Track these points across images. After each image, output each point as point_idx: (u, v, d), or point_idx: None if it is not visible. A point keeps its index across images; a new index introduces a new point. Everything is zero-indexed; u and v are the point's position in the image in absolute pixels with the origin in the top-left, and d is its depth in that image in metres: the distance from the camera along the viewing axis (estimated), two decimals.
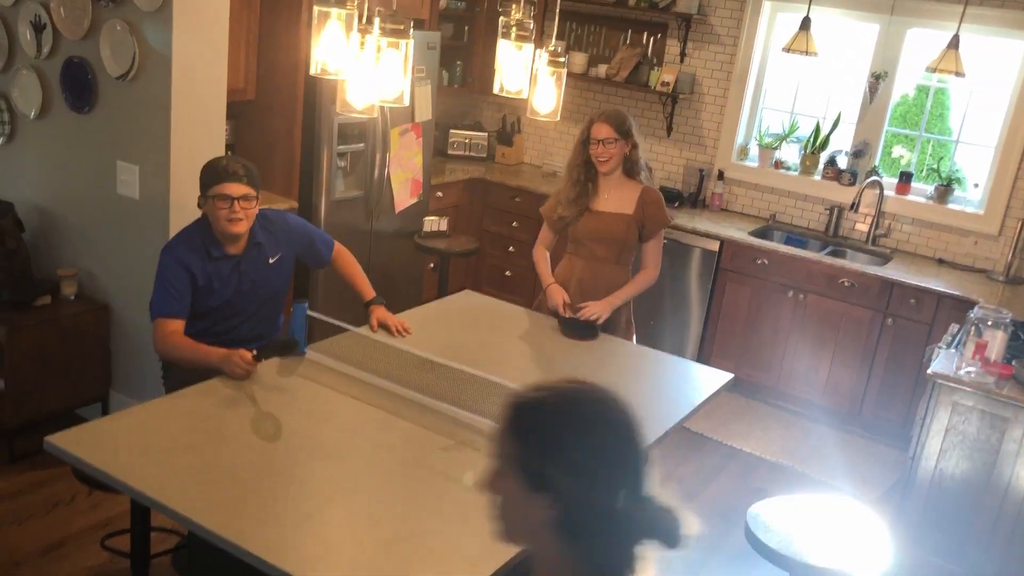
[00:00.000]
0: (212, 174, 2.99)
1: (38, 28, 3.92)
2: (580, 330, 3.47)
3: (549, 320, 3.61)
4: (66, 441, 2.34)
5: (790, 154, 5.71)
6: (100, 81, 3.80)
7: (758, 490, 4.27)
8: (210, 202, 2.99)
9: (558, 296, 3.56)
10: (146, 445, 2.36)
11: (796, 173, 5.60)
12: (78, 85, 3.87)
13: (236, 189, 2.96)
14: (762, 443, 4.83)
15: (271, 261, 3.17)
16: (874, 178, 5.22)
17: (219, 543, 2.02)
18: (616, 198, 3.64)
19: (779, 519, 2.83)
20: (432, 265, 5.62)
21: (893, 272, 4.85)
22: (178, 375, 3.01)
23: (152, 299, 3.01)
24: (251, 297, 3.15)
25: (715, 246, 5.24)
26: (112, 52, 3.71)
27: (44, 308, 3.93)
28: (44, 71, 3.99)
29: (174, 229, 3.74)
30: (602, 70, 5.93)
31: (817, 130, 5.52)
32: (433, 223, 5.11)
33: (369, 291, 3.38)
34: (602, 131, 3.53)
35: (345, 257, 3.46)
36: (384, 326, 3.27)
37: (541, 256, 3.78)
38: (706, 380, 3.26)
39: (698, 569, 3.71)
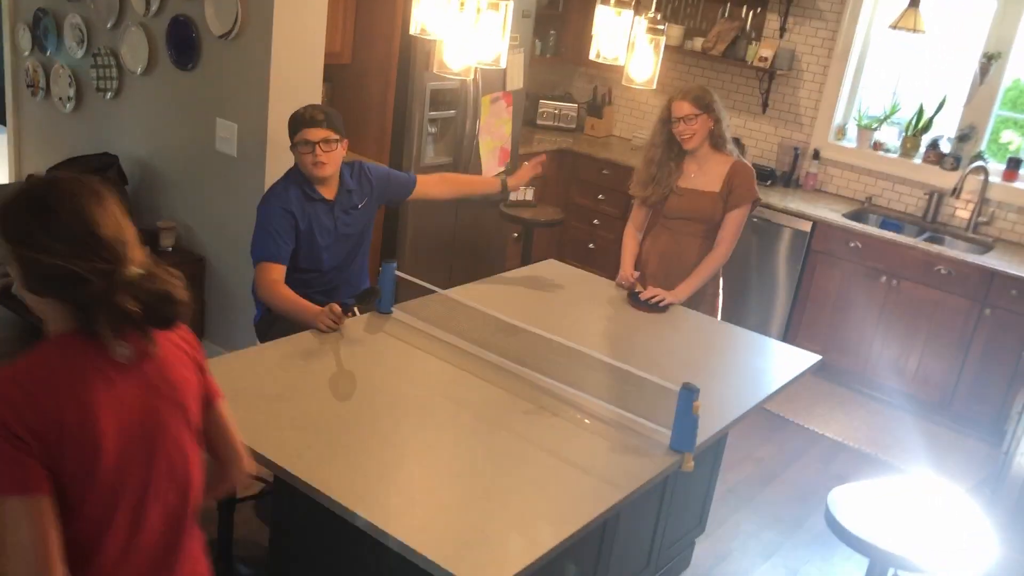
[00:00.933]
0: (295, 123, 3.14)
1: None
2: (647, 305, 3.44)
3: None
4: None
5: (890, 136, 5.52)
6: (203, 39, 3.90)
7: (839, 476, 4.18)
8: (296, 149, 3.14)
9: (627, 274, 3.61)
10: (236, 392, 2.42)
11: (895, 155, 5.42)
12: (183, 43, 3.97)
13: (316, 134, 3.09)
14: (845, 429, 4.72)
15: (360, 206, 3.31)
16: (979, 163, 5.02)
17: (305, 489, 2.07)
18: (703, 175, 3.58)
19: (862, 503, 2.77)
20: (516, 235, 5.63)
21: (994, 261, 4.66)
22: (273, 330, 3.10)
23: (253, 244, 3.14)
24: (345, 243, 3.27)
25: (807, 227, 5.11)
26: (216, 11, 3.80)
27: None
28: (151, 28, 4.11)
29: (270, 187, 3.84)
30: (698, 43, 5.82)
31: (920, 112, 5.31)
32: (519, 192, 5.11)
33: (494, 180, 3.54)
34: (683, 108, 3.48)
35: (445, 176, 3.62)
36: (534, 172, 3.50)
37: (629, 239, 3.77)
38: (792, 361, 3.20)
39: (774, 551, 3.66)
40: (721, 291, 3.78)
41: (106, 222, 1.51)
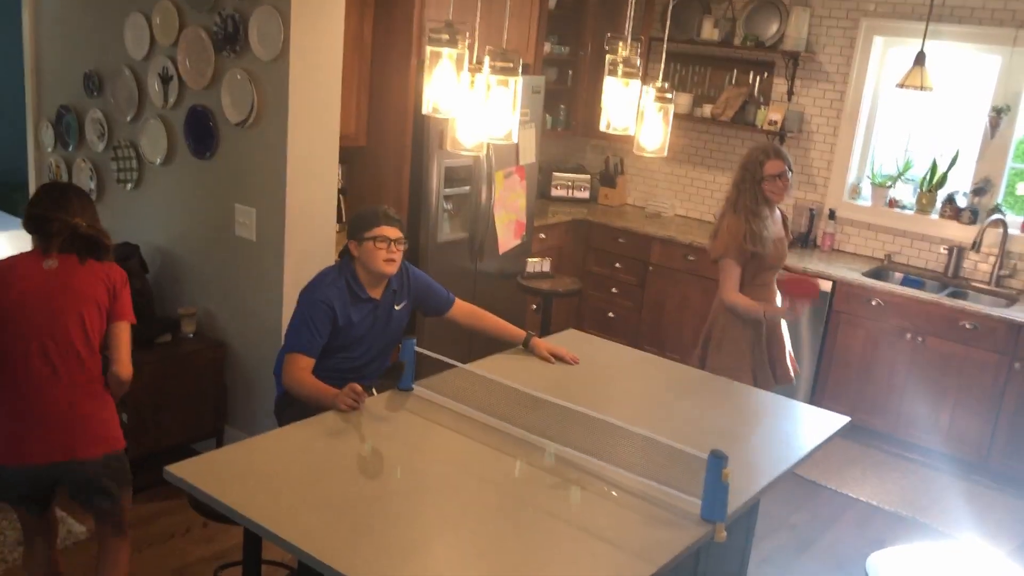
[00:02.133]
0: (371, 218, 3.15)
1: (165, 80, 4.14)
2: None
3: (653, 359, 3.58)
4: (183, 471, 2.41)
5: (905, 193, 5.52)
6: (221, 128, 3.98)
7: (876, 540, 4.07)
8: (367, 244, 3.12)
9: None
10: (259, 476, 2.41)
11: (912, 212, 5.41)
12: (200, 132, 4.06)
13: (394, 232, 3.13)
14: (879, 492, 4.61)
15: (398, 308, 3.29)
16: (997, 216, 5.00)
17: (329, 573, 2.03)
18: (776, 224, 3.91)
19: (902, 569, 2.68)
20: (535, 306, 5.63)
21: (1020, 314, 4.60)
22: (291, 410, 3.08)
23: (289, 332, 3.13)
24: (378, 341, 3.27)
25: (827, 287, 5.08)
26: (232, 100, 3.88)
27: (165, 345, 4.09)
28: (170, 120, 4.20)
29: (289, 270, 3.86)
30: (707, 110, 5.89)
31: (934, 167, 5.32)
32: (536, 264, 5.13)
33: (520, 331, 3.48)
34: (778, 167, 3.77)
35: (477, 311, 3.53)
36: (557, 356, 3.39)
37: (743, 298, 3.84)
38: (821, 423, 3.14)
39: None
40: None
41: (71, 205, 2.75)
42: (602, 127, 2.86)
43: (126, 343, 2.80)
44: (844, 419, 3.17)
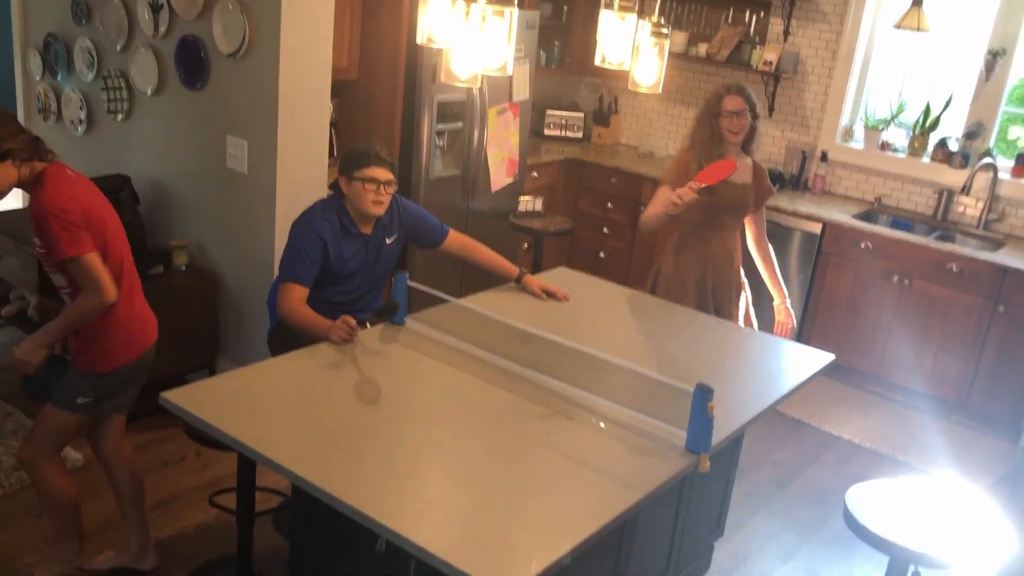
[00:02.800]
0: (361, 157, 3.11)
1: (155, 8, 4.08)
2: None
3: (643, 296, 3.61)
4: (179, 398, 2.44)
5: (897, 136, 5.52)
6: (212, 58, 3.94)
7: (857, 477, 4.16)
8: (356, 184, 3.10)
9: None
10: (254, 404, 2.45)
11: (904, 155, 5.42)
12: (191, 62, 4.01)
13: (383, 174, 3.10)
14: (861, 430, 4.71)
15: (388, 241, 3.30)
16: (988, 160, 5.01)
17: (324, 498, 2.08)
18: (739, 168, 3.67)
19: (880, 501, 2.76)
20: (526, 245, 5.64)
21: (1007, 259, 4.65)
22: (284, 341, 3.12)
23: (283, 262, 3.15)
24: (370, 275, 3.29)
25: (817, 228, 5.11)
26: (224, 30, 3.83)
27: (157, 277, 4.10)
28: (160, 49, 4.15)
29: (281, 202, 3.87)
30: (702, 49, 5.84)
31: (927, 111, 5.32)
32: (528, 203, 5.14)
33: (513, 267, 3.48)
34: (736, 103, 3.59)
35: (470, 243, 3.54)
36: (549, 293, 3.40)
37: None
38: (806, 361, 3.19)
39: (794, 552, 3.64)
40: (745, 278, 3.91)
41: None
42: (597, 61, 2.85)
43: None
44: (829, 356, 3.23)
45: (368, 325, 3.00)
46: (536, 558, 1.90)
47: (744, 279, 3.89)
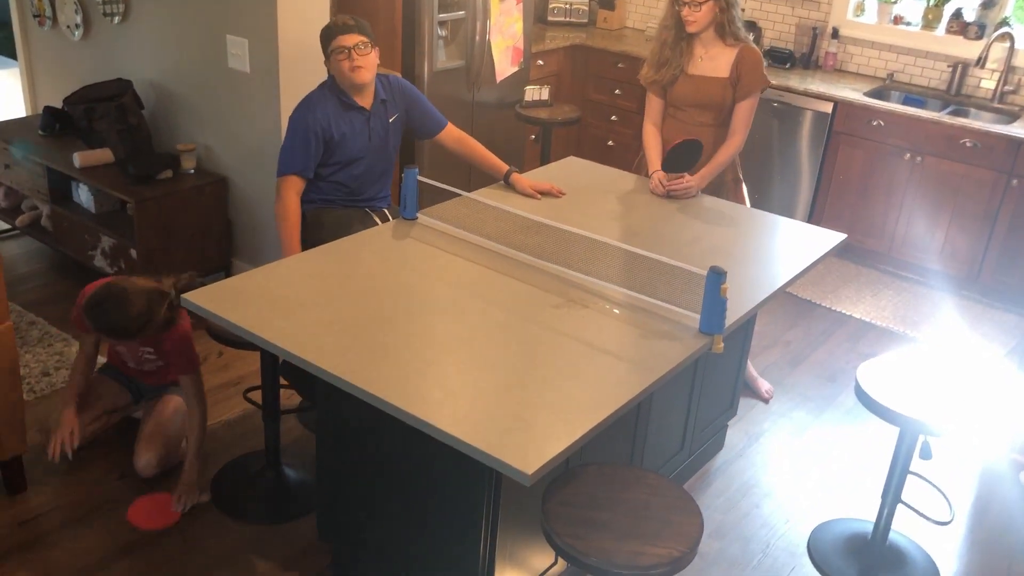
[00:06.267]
0: (326, 33, 3.18)
1: None
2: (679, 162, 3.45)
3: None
4: (199, 298, 2.49)
5: (911, 8, 5.37)
6: None
7: (868, 354, 4.23)
8: (332, 59, 3.17)
9: (660, 176, 3.49)
10: (273, 301, 2.49)
11: (917, 28, 5.29)
12: None
13: (350, 39, 3.13)
14: (873, 309, 4.75)
15: (391, 120, 3.33)
16: (1004, 30, 4.89)
17: (348, 389, 2.14)
18: (711, 60, 3.52)
19: (891, 375, 2.81)
20: (534, 136, 5.59)
21: (1021, 131, 4.59)
22: (309, 235, 3.23)
23: (280, 156, 3.21)
24: (377, 156, 3.32)
25: (828, 108, 5.04)
26: None
27: (167, 181, 4.11)
28: None
29: (284, 101, 3.83)
30: None
31: None
32: (534, 92, 5.06)
33: (502, 163, 3.45)
34: None
35: (465, 138, 3.53)
36: (541, 192, 3.35)
37: (650, 136, 3.65)
38: (817, 241, 3.20)
39: (805, 429, 3.74)
40: (743, 178, 3.76)
41: None
42: None
43: None
44: (840, 236, 3.23)
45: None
46: (556, 439, 1.97)
47: (740, 175, 3.74)
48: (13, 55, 6.12)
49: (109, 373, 3.33)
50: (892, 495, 2.91)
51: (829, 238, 3.22)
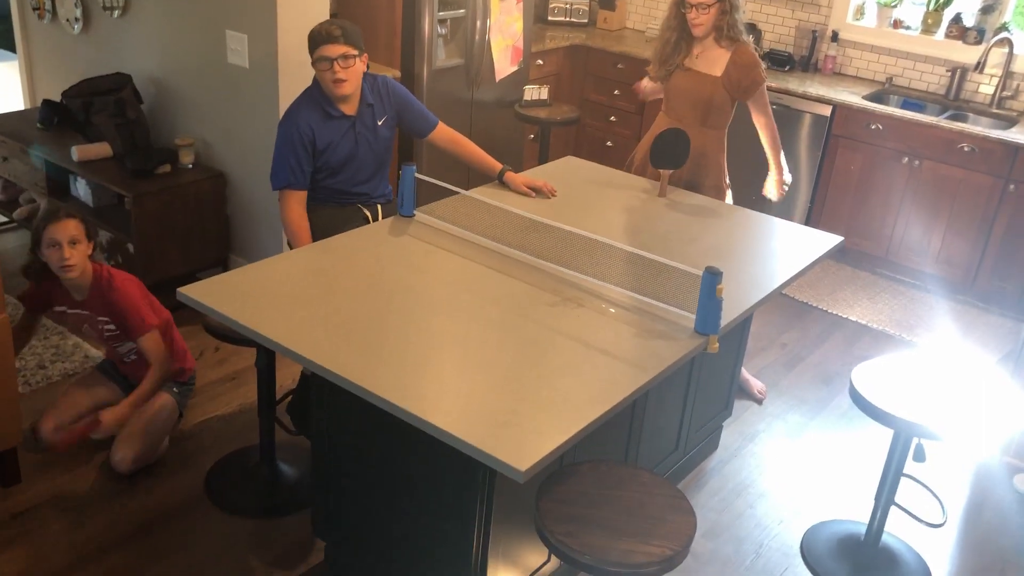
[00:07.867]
0: (313, 40, 3.11)
1: None
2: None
3: (651, 183, 3.60)
4: (196, 292, 2.48)
5: (910, 13, 5.38)
6: None
7: (863, 357, 4.23)
8: (316, 67, 3.10)
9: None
10: (270, 296, 2.49)
11: (916, 33, 5.29)
12: None
13: (334, 50, 3.05)
14: (869, 312, 4.76)
15: (379, 123, 3.27)
16: (1003, 35, 4.90)
17: (344, 385, 2.14)
18: (707, 59, 3.61)
19: (885, 378, 2.82)
20: (532, 135, 5.59)
21: (1020, 136, 4.60)
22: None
23: (272, 168, 3.15)
24: (368, 158, 3.28)
25: (827, 111, 5.05)
26: None
27: (165, 176, 4.11)
28: None
29: (283, 97, 3.83)
30: None
31: None
32: (533, 91, 5.06)
33: (496, 162, 3.45)
34: None
35: (459, 138, 3.49)
36: (535, 189, 3.34)
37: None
38: (814, 243, 3.21)
39: (800, 431, 3.74)
40: (727, 183, 3.79)
41: None
42: None
43: None
44: (837, 238, 3.24)
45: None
46: (550, 436, 1.97)
47: (727, 182, 3.79)
48: (12, 48, 6.11)
49: (106, 371, 3.34)
50: (885, 497, 2.92)
51: (826, 240, 3.22)
